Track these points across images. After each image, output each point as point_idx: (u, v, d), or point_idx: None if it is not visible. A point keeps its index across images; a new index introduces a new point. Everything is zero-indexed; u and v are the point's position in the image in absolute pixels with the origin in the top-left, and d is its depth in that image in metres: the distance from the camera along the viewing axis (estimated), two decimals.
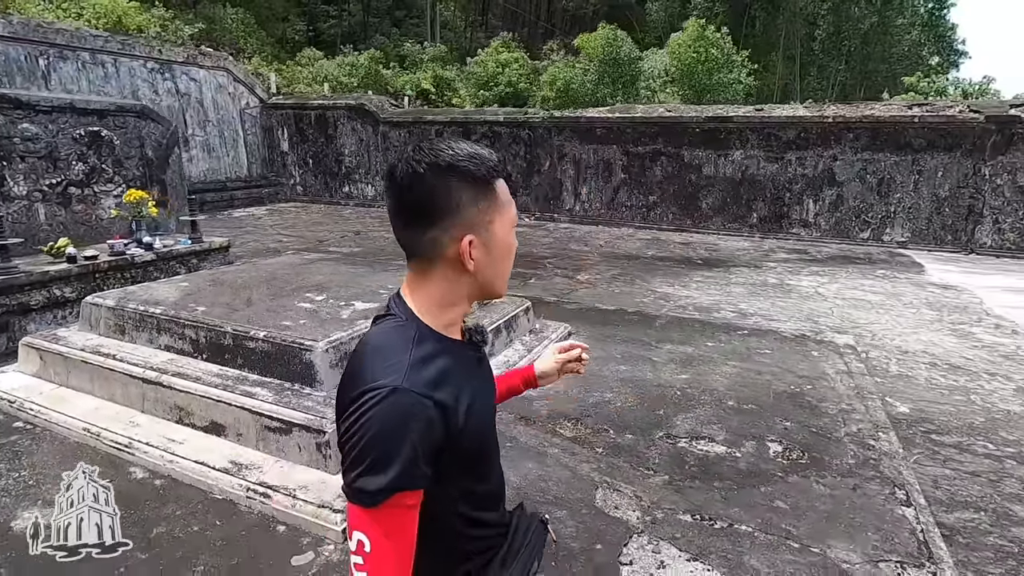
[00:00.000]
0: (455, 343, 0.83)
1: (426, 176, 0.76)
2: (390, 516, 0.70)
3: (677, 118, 9.03)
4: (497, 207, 0.80)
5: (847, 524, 1.98)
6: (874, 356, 3.81)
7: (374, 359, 0.76)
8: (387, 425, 0.69)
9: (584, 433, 2.62)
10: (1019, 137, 7.29)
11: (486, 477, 0.87)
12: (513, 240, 0.84)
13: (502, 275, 0.85)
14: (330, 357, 2.38)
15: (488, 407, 0.88)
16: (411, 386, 0.71)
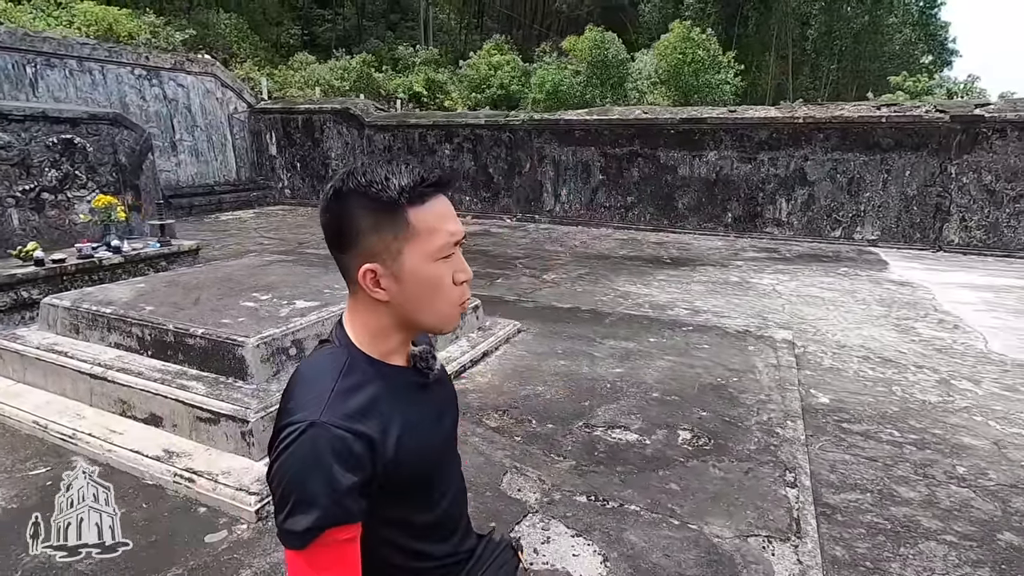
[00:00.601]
0: (393, 370, 0.81)
1: (335, 202, 0.75)
2: (323, 555, 0.68)
3: (652, 120, 9.18)
4: (409, 235, 0.74)
5: (730, 503, 2.13)
6: (811, 350, 3.95)
7: (301, 389, 0.76)
8: (306, 463, 0.68)
9: (507, 423, 2.77)
10: (983, 136, 7.41)
11: (426, 507, 0.84)
12: (436, 271, 0.76)
13: (428, 309, 0.78)
14: (261, 352, 2.53)
15: (428, 434, 0.83)
16: (330, 419, 0.69)
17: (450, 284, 0.79)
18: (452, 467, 0.93)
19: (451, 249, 0.78)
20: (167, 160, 10.98)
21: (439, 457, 0.87)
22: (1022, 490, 2.36)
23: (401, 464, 0.74)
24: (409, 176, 0.74)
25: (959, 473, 2.48)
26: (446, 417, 0.91)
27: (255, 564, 1.82)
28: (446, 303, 0.79)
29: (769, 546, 1.90)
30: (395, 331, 0.80)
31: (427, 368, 0.85)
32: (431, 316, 0.79)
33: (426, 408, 0.84)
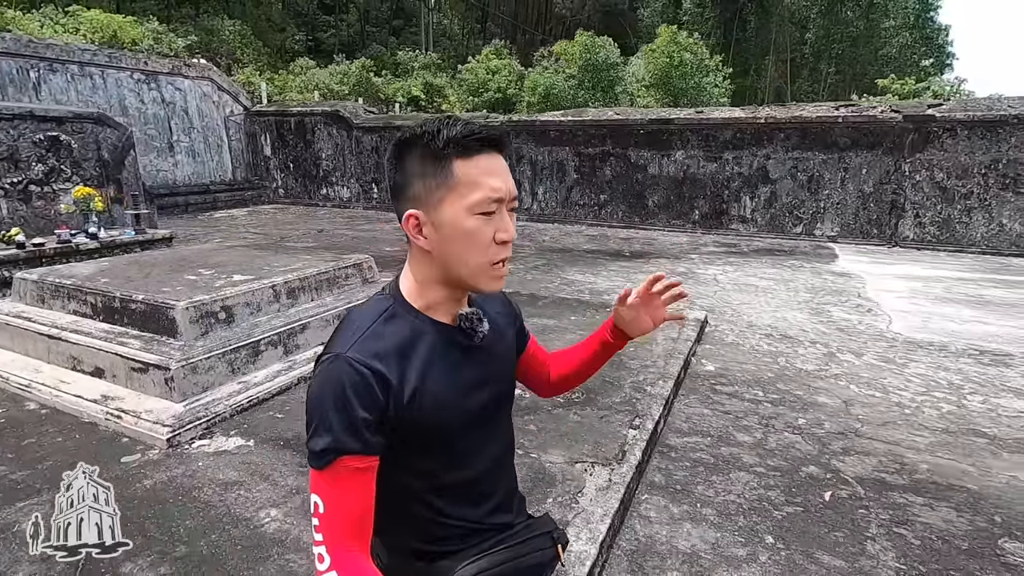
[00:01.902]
0: (435, 324, 0.83)
1: (396, 151, 0.81)
2: (338, 478, 0.72)
3: (623, 120, 9.52)
4: (451, 186, 0.76)
5: (573, 440, 2.47)
6: (721, 328, 4.27)
7: (342, 328, 0.81)
8: (324, 390, 0.73)
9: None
10: (935, 135, 7.67)
11: (449, 466, 0.85)
12: (473, 224, 0.77)
13: (463, 262, 0.79)
14: (190, 314, 2.92)
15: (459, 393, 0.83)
16: (353, 354, 0.74)
17: (487, 241, 0.78)
18: (489, 436, 0.91)
19: (491, 206, 0.78)
20: (164, 160, 11.51)
21: (467, 421, 0.85)
22: (844, 437, 2.68)
23: (415, 412, 0.76)
24: (460, 129, 0.76)
25: (798, 424, 2.80)
26: (488, 386, 0.89)
27: (156, 477, 2.20)
28: (482, 259, 0.79)
29: (591, 469, 2.24)
30: (438, 284, 0.82)
31: (471, 329, 0.85)
32: (466, 270, 0.79)
33: (461, 369, 0.84)
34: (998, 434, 2.71)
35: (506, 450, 0.98)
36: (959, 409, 2.97)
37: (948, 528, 2.03)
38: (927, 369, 3.51)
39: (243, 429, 2.57)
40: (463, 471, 0.87)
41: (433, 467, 0.83)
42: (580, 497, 2.07)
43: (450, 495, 0.86)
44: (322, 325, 3.49)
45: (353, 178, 12.19)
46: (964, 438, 2.68)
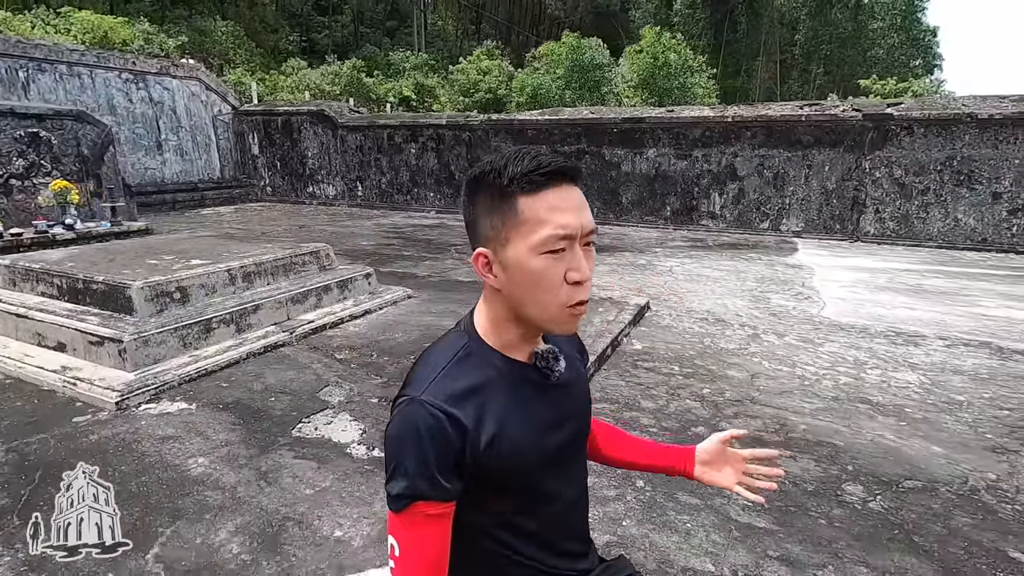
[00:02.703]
0: (510, 363, 0.81)
1: (465, 188, 0.81)
2: (413, 523, 0.72)
3: (597, 119, 9.77)
4: (514, 225, 0.73)
5: None
6: (661, 313, 4.52)
7: (419, 366, 0.80)
8: (401, 434, 0.72)
9: (352, 356, 3.38)
10: (893, 133, 7.93)
11: (529, 509, 0.83)
12: (540, 265, 0.73)
13: (533, 303, 0.75)
14: (145, 294, 3.17)
15: (537, 434, 0.81)
16: (429, 398, 0.73)
17: (557, 281, 0.74)
18: (565, 477, 0.88)
19: (559, 243, 0.73)
20: (152, 158, 11.76)
21: (545, 462, 0.83)
22: (740, 404, 2.93)
23: (494, 457, 0.75)
24: (529, 163, 0.72)
25: (702, 393, 3.05)
26: (567, 425, 0.86)
27: (101, 433, 2.45)
28: (551, 300, 0.75)
29: None
30: (511, 323, 0.80)
31: (547, 368, 0.83)
32: (536, 312, 0.76)
33: (540, 409, 0.82)
34: (881, 401, 2.96)
35: (582, 492, 0.94)
36: (855, 381, 3.22)
37: (802, 475, 2.28)
38: (840, 348, 3.76)
39: (188, 395, 2.82)
40: (539, 513, 0.84)
41: (508, 508, 0.81)
42: None
43: (525, 536, 0.83)
44: (276, 307, 3.74)
45: (338, 176, 12.43)
46: (849, 405, 2.93)
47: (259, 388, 2.92)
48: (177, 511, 1.91)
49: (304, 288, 3.98)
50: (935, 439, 2.58)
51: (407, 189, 11.76)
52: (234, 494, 2.02)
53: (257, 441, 2.39)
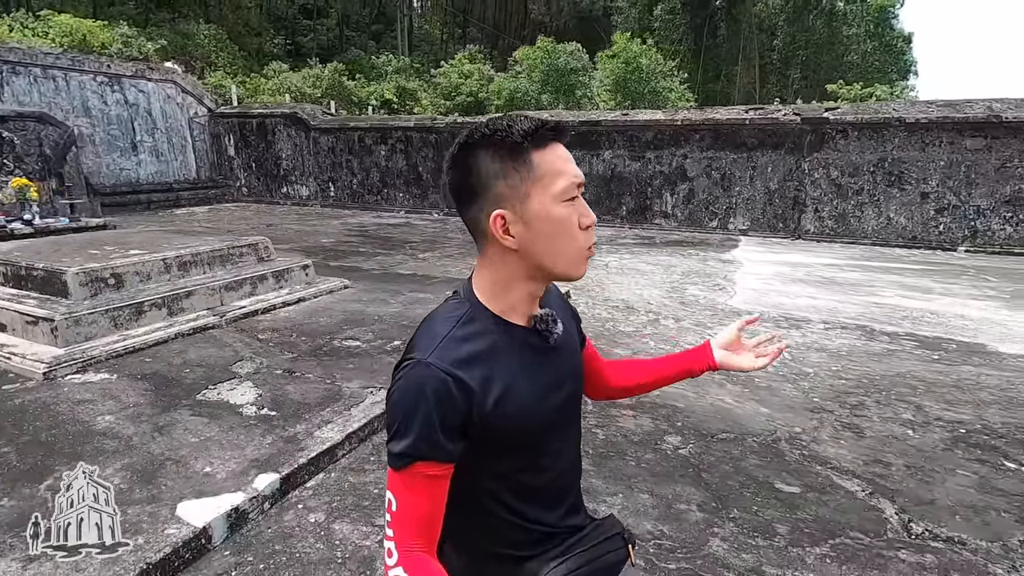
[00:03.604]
0: (514, 328, 0.83)
1: (461, 155, 0.79)
2: (412, 482, 0.74)
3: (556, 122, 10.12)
4: (534, 179, 0.76)
5: (375, 375, 3.05)
6: (578, 301, 4.87)
7: (421, 332, 0.81)
8: (406, 395, 0.74)
9: (273, 336, 3.70)
10: (829, 136, 8.34)
11: (531, 469, 0.86)
12: (562, 212, 0.78)
13: (556, 252, 0.79)
14: (80, 279, 3.48)
15: (538, 396, 0.83)
16: (436, 360, 0.74)
17: (576, 227, 0.79)
18: (565, 438, 0.92)
19: (575, 191, 0.79)
20: (127, 159, 12.01)
21: (547, 423, 0.86)
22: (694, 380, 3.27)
23: (499, 419, 0.77)
24: (530, 122, 0.77)
25: None
26: (564, 387, 0.90)
27: (25, 397, 2.76)
28: (574, 246, 0.80)
29: (375, 392, 2.83)
30: (522, 282, 0.82)
31: (547, 331, 0.85)
32: (560, 260, 0.80)
33: (540, 372, 0.85)
34: (738, 374, 3.32)
35: (577, 451, 0.98)
36: None
37: (634, 428, 2.63)
38: None
39: (112, 368, 3.14)
40: (541, 474, 0.87)
41: (512, 470, 0.84)
42: (353, 408, 2.65)
43: (527, 497, 0.86)
44: (209, 293, 4.06)
45: (311, 177, 12.74)
46: (708, 376, 3.28)
47: (178, 362, 3.24)
48: (76, 455, 2.23)
49: (239, 277, 4.30)
50: (767, 403, 2.94)
51: (377, 190, 12.08)
52: (129, 442, 2.34)
53: (163, 403, 2.71)
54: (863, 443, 2.54)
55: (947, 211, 7.92)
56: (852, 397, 3.01)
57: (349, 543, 1.87)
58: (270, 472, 2.12)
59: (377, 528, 1.93)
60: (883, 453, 2.45)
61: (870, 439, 2.58)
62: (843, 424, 2.71)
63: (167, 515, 1.87)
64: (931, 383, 3.20)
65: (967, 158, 7.71)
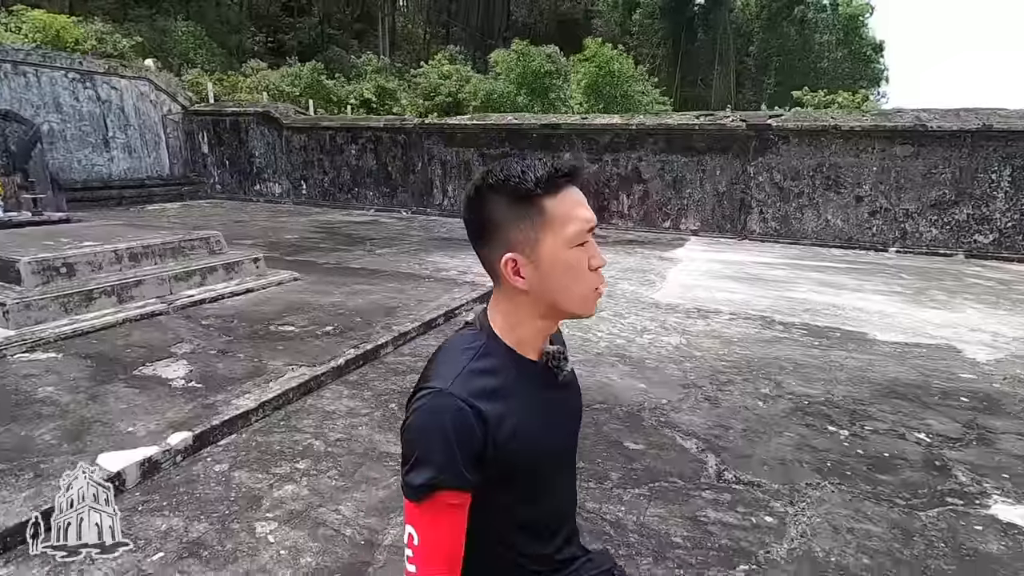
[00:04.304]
0: (526, 362, 0.85)
1: (476, 198, 0.82)
2: (434, 512, 0.75)
3: (519, 125, 10.51)
4: (545, 224, 0.79)
5: (302, 354, 3.38)
6: None
7: (440, 361, 0.84)
8: (427, 425, 0.75)
9: (216, 322, 4.01)
10: (772, 142, 8.81)
11: (533, 501, 0.87)
12: (572, 257, 0.81)
13: (566, 293, 0.82)
14: (32, 267, 3.77)
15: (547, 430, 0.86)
16: (455, 391, 0.76)
17: (586, 269, 0.82)
18: (565, 473, 0.95)
19: (585, 236, 0.81)
20: (100, 155, 12.15)
21: (553, 458, 0.89)
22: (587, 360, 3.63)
23: (511, 451, 0.78)
24: (543, 169, 0.79)
25: None
26: (569, 423, 0.93)
27: None
28: (584, 287, 0.82)
29: (295, 368, 3.16)
30: (533, 320, 0.84)
31: (557, 368, 0.88)
32: (570, 301, 0.82)
33: (550, 408, 0.87)
34: (634, 356, 3.70)
35: (575, 482, 1.01)
36: (626, 343, 3.96)
37: None
38: (639, 320, 4.52)
39: (59, 348, 3.43)
40: (542, 507, 0.89)
41: (514, 503, 0.85)
42: (272, 382, 2.98)
43: (527, 532, 0.88)
44: (159, 283, 4.36)
45: (284, 175, 12.97)
46: (607, 358, 3.66)
47: (122, 344, 3.54)
48: (14, 417, 2.54)
49: (189, 268, 4.60)
50: (648, 380, 3.32)
51: (348, 188, 12.36)
52: (64, 408, 2.65)
53: (101, 378, 3.02)
54: (715, 412, 2.93)
55: (879, 214, 8.43)
56: (724, 376, 3.40)
57: (244, 486, 2.20)
58: (184, 431, 2.44)
59: (270, 475, 2.27)
60: (728, 420, 2.84)
61: (723, 409, 2.97)
62: (705, 397, 3.10)
63: (87, 463, 2.18)
64: (799, 365, 3.61)
65: (897, 164, 8.22)
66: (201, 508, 2.06)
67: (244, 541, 1.89)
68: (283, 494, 2.15)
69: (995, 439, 2.69)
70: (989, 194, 7.86)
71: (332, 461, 2.39)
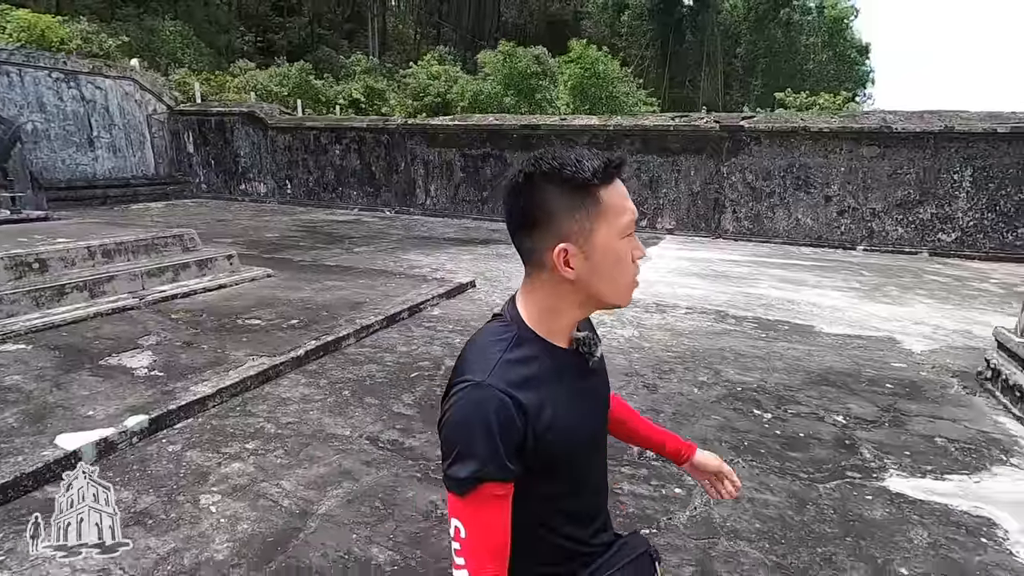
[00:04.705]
0: (557, 350, 0.85)
1: (524, 185, 0.80)
2: (480, 504, 0.75)
3: (499, 125, 10.68)
4: (599, 214, 0.79)
5: (264, 345, 3.53)
6: (484, 290, 5.40)
7: (472, 355, 0.82)
8: (469, 417, 0.75)
9: (185, 316, 4.15)
10: (744, 143, 9.02)
11: (575, 490, 0.88)
12: (622, 247, 0.81)
13: (612, 283, 0.83)
14: (4, 263, 3.89)
15: (582, 417, 0.86)
16: (494, 382, 0.76)
17: (631, 260, 0.83)
18: (599, 457, 0.96)
19: (632, 226, 0.82)
20: (84, 155, 12.21)
21: (588, 443, 0.89)
22: None
23: (550, 441, 0.78)
24: (598, 159, 0.79)
25: (452, 342, 3.92)
26: (600, 407, 0.94)
27: None
28: (627, 278, 0.84)
29: (256, 358, 3.30)
30: (571, 309, 0.84)
31: (589, 353, 0.88)
32: (613, 291, 0.83)
33: (583, 394, 0.87)
34: None
35: (606, 468, 1.02)
36: None
37: None
38: (597, 314, 4.67)
39: (29, 340, 3.56)
40: (581, 494, 0.90)
41: (556, 492, 0.85)
42: (232, 370, 3.13)
43: (568, 517, 0.89)
44: (131, 278, 4.49)
45: (269, 175, 13.07)
46: None
47: (91, 336, 3.67)
48: None
49: (161, 264, 4.73)
50: None
51: (333, 187, 12.48)
52: (29, 395, 2.79)
53: (67, 367, 3.15)
54: (651, 397, 3.10)
55: (847, 213, 8.65)
56: (667, 365, 3.58)
57: (193, 464, 2.35)
58: (141, 415, 2.59)
59: (219, 454, 2.43)
60: (662, 405, 3.02)
61: (659, 395, 3.14)
62: (645, 384, 3.27)
63: (47, 443, 2.33)
64: (741, 355, 3.79)
65: (864, 165, 8.45)
66: (151, 483, 2.21)
67: (187, 511, 2.04)
68: (229, 471, 2.30)
69: (907, 421, 2.88)
70: (952, 194, 8.10)
71: (280, 442, 2.54)
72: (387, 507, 2.09)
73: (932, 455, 2.54)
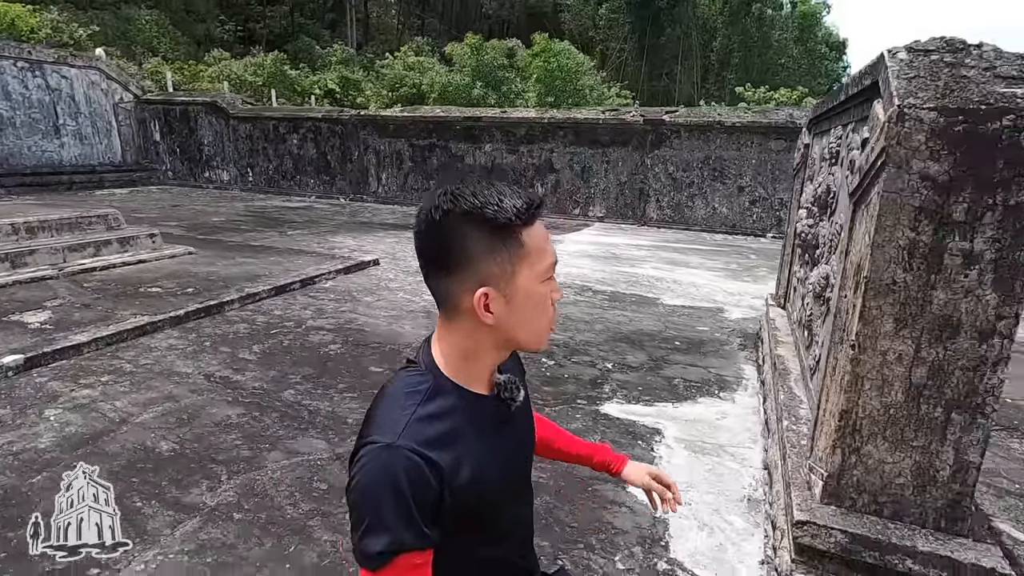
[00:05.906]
0: (476, 398, 0.82)
1: (441, 224, 0.74)
2: None
3: (445, 117, 11.20)
4: (521, 257, 0.75)
5: (147, 308, 4.10)
6: (388, 267, 5.97)
7: (383, 410, 0.78)
8: (378, 483, 0.69)
9: (95, 286, 4.71)
10: (666, 136, 9.59)
11: (495, 541, 0.85)
12: (543, 291, 0.78)
13: (530, 327, 0.79)
14: None
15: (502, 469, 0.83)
16: (404, 443, 0.71)
17: (549, 304, 0.80)
18: (523, 504, 0.93)
19: (553, 270, 0.80)
20: (50, 142, 12.65)
21: (509, 494, 0.86)
22: (355, 319, 4.38)
23: (470, 497, 0.75)
24: (519, 197, 0.74)
25: (347, 315, 4.49)
26: (523, 451, 0.91)
27: None
28: (546, 321, 0.81)
29: (137, 315, 3.88)
30: (489, 352, 0.81)
31: (511, 399, 0.85)
32: (531, 335, 0.80)
33: (504, 443, 0.85)
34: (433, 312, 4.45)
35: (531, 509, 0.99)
36: None
37: (318, 341, 3.73)
38: None
39: None
40: (501, 543, 0.87)
41: (474, 542, 0.82)
42: (112, 325, 3.70)
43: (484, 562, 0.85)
44: (52, 252, 5.04)
45: (231, 163, 13.55)
46: (417, 316, 4.41)
47: (5, 299, 4.24)
48: None
49: (83, 241, 5.28)
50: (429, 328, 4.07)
51: (291, 176, 12.99)
52: None
53: None
54: None
55: (759, 202, 9.26)
56: None
57: (51, 390, 2.94)
58: (18, 355, 3.17)
59: (77, 384, 3.01)
60: None
61: None
62: None
63: None
64: (574, 320, 4.39)
65: (772, 157, 9.04)
66: (11, 402, 2.79)
67: (31, 419, 2.62)
68: (78, 395, 2.88)
69: (666, 367, 3.49)
70: None
71: (130, 377, 3.13)
72: (191, 419, 2.68)
73: (659, 390, 3.15)
